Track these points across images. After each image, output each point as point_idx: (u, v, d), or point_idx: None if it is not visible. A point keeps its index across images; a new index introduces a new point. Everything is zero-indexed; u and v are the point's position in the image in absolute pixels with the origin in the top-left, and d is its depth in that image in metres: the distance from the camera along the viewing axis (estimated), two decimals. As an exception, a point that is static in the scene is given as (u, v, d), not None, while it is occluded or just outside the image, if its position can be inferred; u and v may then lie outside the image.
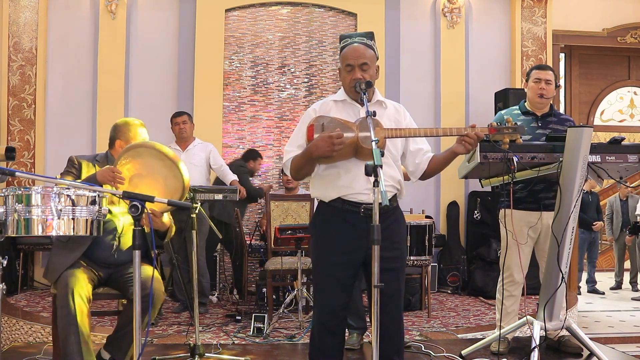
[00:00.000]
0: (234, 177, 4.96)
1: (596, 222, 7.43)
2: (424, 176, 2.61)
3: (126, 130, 3.00)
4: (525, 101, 3.61)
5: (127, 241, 2.86)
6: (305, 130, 2.42)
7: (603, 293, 7.60)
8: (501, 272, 3.49)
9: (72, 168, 2.92)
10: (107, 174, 2.65)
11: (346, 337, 3.66)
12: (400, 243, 2.52)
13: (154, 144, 2.72)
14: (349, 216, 2.43)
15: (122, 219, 2.88)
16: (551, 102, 3.59)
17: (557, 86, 3.61)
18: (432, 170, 2.58)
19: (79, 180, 2.77)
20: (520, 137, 2.59)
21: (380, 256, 2.25)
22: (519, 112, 3.58)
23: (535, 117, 3.53)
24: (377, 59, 2.54)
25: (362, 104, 2.43)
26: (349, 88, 2.47)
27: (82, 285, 2.64)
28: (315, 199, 2.59)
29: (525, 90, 3.63)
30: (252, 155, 5.72)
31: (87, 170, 2.90)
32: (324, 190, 2.48)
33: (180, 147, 4.95)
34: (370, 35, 2.53)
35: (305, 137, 2.40)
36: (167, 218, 2.85)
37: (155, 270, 2.48)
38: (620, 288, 7.94)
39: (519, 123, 3.45)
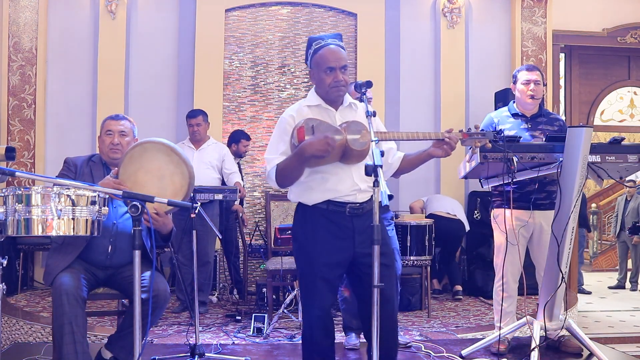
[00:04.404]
0: (239, 179, 4.96)
1: None
2: (395, 175, 2.63)
3: (101, 126, 3.02)
4: (514, 102, 3.61)
5: (122, 244, 2.85)
6: (284, 137, 2.41)
7: (590, 293, 7.59)
8: (496, 273, 3.50)
9: (68, 171, 2.92)
10: (110, 187, 2.63)
11: (345, 338, 3.69)
12: (385, 239, 2.46)
13: (161, 140, 2.72)
14: (334, 217, 2.42)
15: (117, 222, 2.87)
16: (540, 102, 3.60)
17: (545, 85, 3.62)
18: (404, 169, 2.59)
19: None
20: (490, 142, 2.63)
21: (363, 254, 2.26)
22: (509, 114, 3.57)
23: (525, 119, 3.53)
24: None
25: (336, 108, 2.46)
26: (329, 90, 2.43)
27: (76, 287, 2.63)
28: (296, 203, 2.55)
29: (514, 92, 3.62)
30: (234, 137, 5.53)
31: (83, 171, 2.90)
32: (307, 194, 2.45)
33: (193, 146, 4.94)
34: (340, 37, 2.53)
35: (287, 143, 2.40)
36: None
37: (160, 271, 2.48)
38: (623, 287, 7.95)
39: (508, 125, 3.49)
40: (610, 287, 8.03)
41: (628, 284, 7.97)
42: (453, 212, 5.54)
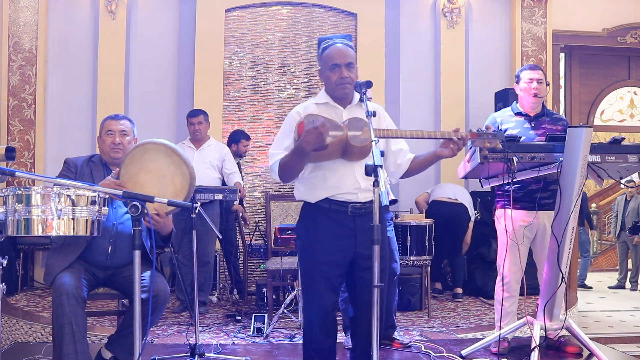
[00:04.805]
0: (239, 179, 4.96)
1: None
2: (404, 176, 2.64)
3: (101, 127, 3.01)
4: (517, 102, 3.61)
5: (122, 245, 2.85)
6: (290, 133, 2.43)
7: (591, 288, 7.60)
8: (499, 273, 3.50)
9: (68, 171, 2.92)
10: (110, 187, 2.62)
11: (345, 338, 3.69)
12: (383, 241, 2.49)
13: (162, 141, 2.71)
14: (336, 216, 2.43)
15: (117, 223, 2.87)
16: (544, 101, 3.60)
17: (547, 84, 3.63)
18: (413, 170, 2.61)
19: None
20: (500, 143, 2.60)
21: (363, 255, 2.25)
22: (512, 113, 3.57)
23: (528, 118, 3.53)
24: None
25: (344, 106, 2.48)
26: (335, 87, 2.46)
27: (76, 287, 2.64)
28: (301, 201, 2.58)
29: (516, 91, 3.63)
30: (234, 137, 5.55)
31: (83, 172, 2.90)
32: (311, 192, 2.48)
33: (194, 146, 4.95)
34: (349, 38, 2.57)
35: (291, 139, 2.41)
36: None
37: (161, 271, 2.48)
38: (623, 287, 7.95)
39: (511, 125, 3.49)
40: (610, 287, 8.04)
41: (628, 284, 7.98)
42: (454, 197, 5.49)
